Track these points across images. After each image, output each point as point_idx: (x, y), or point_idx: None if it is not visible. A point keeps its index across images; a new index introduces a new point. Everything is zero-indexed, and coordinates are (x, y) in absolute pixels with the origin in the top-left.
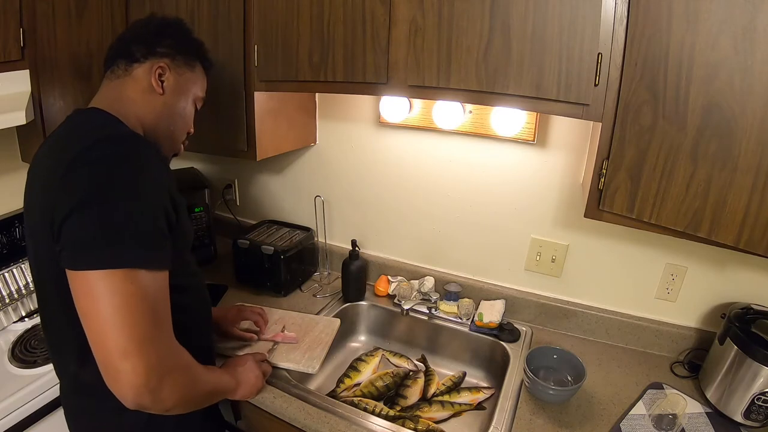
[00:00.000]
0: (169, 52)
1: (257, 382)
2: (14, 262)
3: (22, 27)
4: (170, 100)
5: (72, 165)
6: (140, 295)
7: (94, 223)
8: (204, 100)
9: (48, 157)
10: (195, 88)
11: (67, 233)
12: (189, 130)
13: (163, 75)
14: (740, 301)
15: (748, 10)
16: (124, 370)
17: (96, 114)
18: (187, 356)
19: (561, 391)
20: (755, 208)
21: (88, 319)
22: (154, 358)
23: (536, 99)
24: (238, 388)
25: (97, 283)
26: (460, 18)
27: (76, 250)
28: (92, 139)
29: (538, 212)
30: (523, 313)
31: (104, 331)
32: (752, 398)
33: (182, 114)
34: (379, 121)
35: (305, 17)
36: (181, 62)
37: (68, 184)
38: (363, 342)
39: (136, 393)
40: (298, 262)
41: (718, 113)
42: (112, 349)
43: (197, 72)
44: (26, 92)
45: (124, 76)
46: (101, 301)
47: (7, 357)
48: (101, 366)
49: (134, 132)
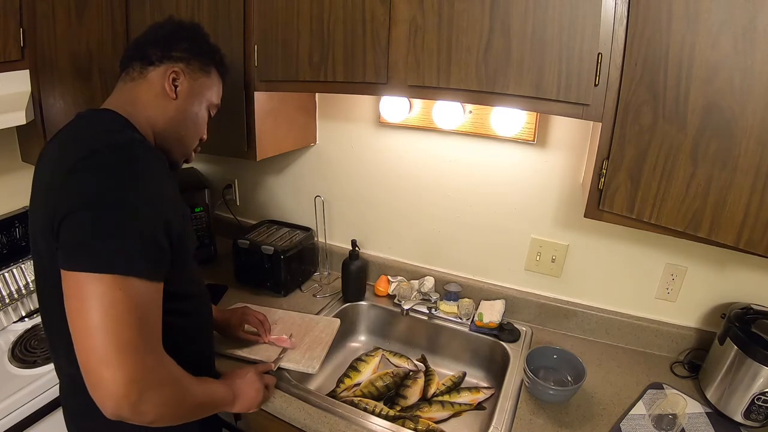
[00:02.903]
0: (185, 56)
1: (257, 395)
2: (14, 262)
3: (22, 27)
4: (183, 105)
5: (74, 169)
6: (128, 303)
7: (89, 226)
8: (218, 107)
9: (53, 158)
10: (209, 94)
11: (64, 233)
12: (202, 137)
13: (177, 79)
14: (740, 301)
15: (748, 10)
16: (103, 378)
17: (106, 116)
18: (176, 370)
19: (561, 391)
20: (755, 208)
21: (74, 321)
22: (136, 370)
23: (536, 99)
24: (236, 401)
25: (86, 285)
26: (460, 18)
27: (71, 249)
28: (97, 144)
29: (538, 212)
30: (523, 313)
31: (88, 335)
32: (752, 398)
33: (194, 120)
34: (379, 121)
35: (305, 17)
36: (197, 67)
37: (69, 186)
38: (363, 342)
39: (115, 404)
40: (298, 262)
41: (718, 113)
42: (93, 354)
43: (212, 78)
44: (26, 92)
45: (138, 78)
46: (88, 304)
47: (7, 357)
48: (83, 371)
49: (140, 139)
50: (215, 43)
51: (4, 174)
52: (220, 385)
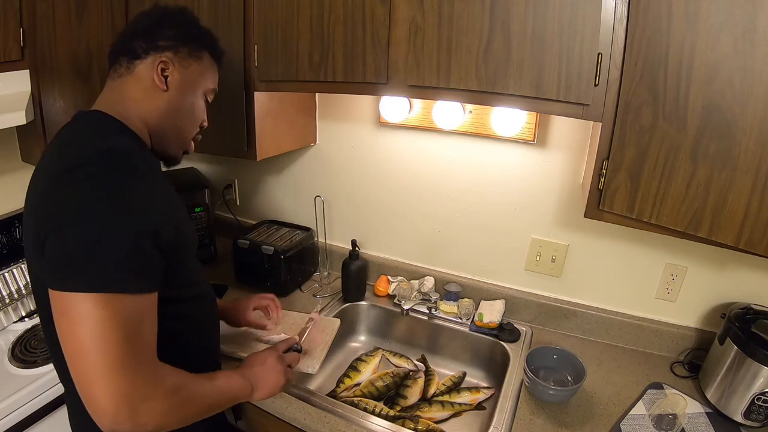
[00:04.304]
0: (172, 44)
1: (278, 379)
2: (14, 262)
3: (22, 27)
4: (175, 97)
5: (56, 182)
6: (114, 321)
7: (70, 246)
8: (216, 92)
9: (42, 166)
10: (203, 80)
11: (48, 252)
12: (202, 124)
13: (167, 70)
14: (740, 301)
15: (748, 10)
16: (95, 397)
17: (95, 119)
18: (175, 377)
19: (561, 391)
20: (755, 208)
21: (64, 341)
22: (127, 387)
23: (536, 99)
24: (255, 390)
25: (72, 306)
26: (460, 18)
27: (54, 269)
28: (80, 153)
29: (538, 212)
30: (523, 313)
31: (77, 356)
32: (752, 398)
33: (190, 110)
34: (379, 121)
35: (305, 17)
36: (186, 54)
37: (52, 201)
38: (363, 342)
39: (110, 421)
40: (298, 262)
41: (718, 113)
42: (84, 375)
43: (205, 62)
44: (26, 92)
45: (126, 74)
46: (75, 325)
47: (7, 357)
48: (77, 389)
49: (123, 146)
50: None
51: (4, 174)
52: (233, 378)
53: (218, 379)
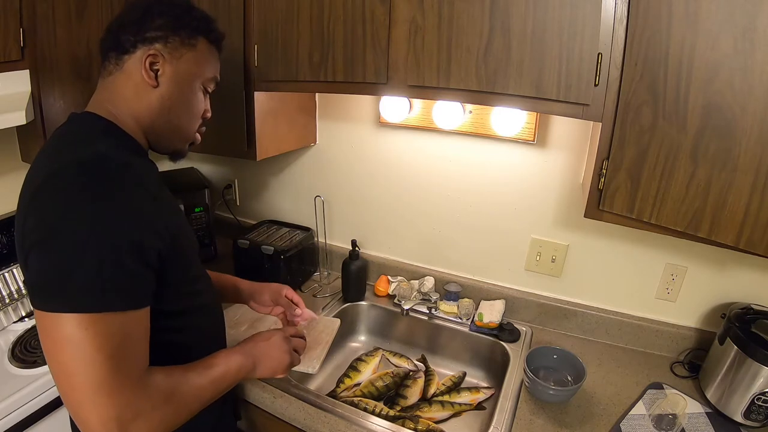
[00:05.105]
0: (161, 34)
1: (282, 358)
2: (14, 262)
3: (22, 27)
4: (168, 92)
5: (38, 191)
6: (97, 341)
7: (48, 265)
8: (217, 80)
9: (32, 173)
10: (200, 70)
11: (29, 267)
12: (205, 115)
13: (156, 63)
14: (740, 301)
15: (748, 11)
16: (84, 419)
17: (84, 121)
18: (165, 385)
19: (561, 391)
20: (755, 208)
21: (49, 361)
22: (115, 411)
23: (536, 99)
24: (257, 366)
25: (54, 326)
26: (460, 18)
27: (35, 288)
28: (62, 161)
29: (538, 212)
30: (523, 313)
31: (63, 378)
32: (752, 398)
33: (187, 105)
34: (379, 121)
35: (305, 17)
36: (178, 43)
37: (32, 214)
38: (363, 342)
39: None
40: (298, 262)
41: (718, 113)
42: (70, 397)
43: (200, 50)
44: (26, 92)
45: (115, 71)
46: (58, 346)
47: (7, 357)
48: (67, 409)
49: (110, 153)
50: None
51: (4, 174)
52: (232, 358)
53: (215, 366)
